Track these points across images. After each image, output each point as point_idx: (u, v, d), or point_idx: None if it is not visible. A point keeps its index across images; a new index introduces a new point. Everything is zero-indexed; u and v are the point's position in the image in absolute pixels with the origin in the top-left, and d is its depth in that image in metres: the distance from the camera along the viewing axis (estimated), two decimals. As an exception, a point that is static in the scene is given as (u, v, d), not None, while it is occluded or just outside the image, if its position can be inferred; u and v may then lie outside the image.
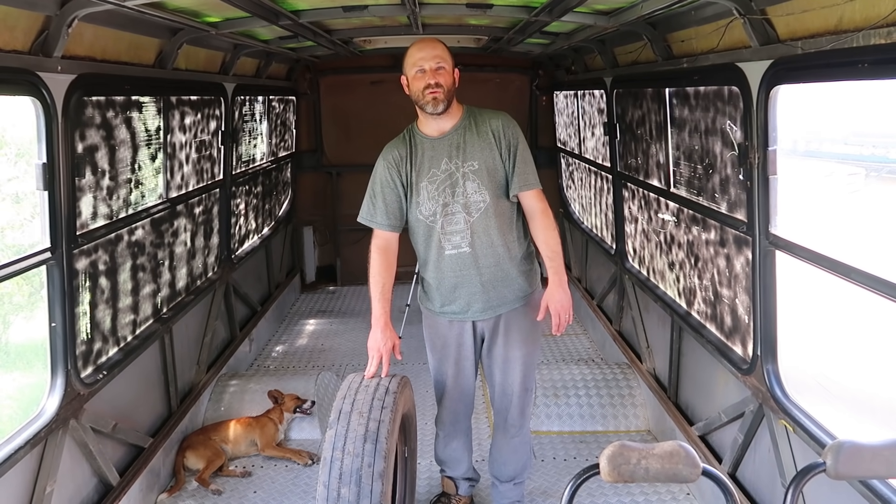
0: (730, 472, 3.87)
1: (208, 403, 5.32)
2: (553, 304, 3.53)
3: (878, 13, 2.41)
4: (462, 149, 3.51)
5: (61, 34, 3.13)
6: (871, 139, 20.05)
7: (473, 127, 3.53)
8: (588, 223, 7.50)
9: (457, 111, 3.57)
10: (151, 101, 4.47)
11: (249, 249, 6.89)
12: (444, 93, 3.43)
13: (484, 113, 3.59)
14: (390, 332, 3.49)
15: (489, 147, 3.51)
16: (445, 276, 3.61)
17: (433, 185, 3.53)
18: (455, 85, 3.50)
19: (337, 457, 2.96)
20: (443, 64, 3.43)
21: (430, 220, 3.56)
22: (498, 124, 3.54)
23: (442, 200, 3.52)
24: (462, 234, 3.53)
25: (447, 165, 3.52)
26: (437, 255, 3.59)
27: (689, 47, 4.13)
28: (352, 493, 2.88)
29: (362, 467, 2.92)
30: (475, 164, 3.50)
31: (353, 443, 2.99)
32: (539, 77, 8.69)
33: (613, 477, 1.72)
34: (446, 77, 3.44)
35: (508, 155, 3.52)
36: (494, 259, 3.56)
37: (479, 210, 3.51)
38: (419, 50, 3.46)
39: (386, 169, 3.57)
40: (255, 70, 6.61)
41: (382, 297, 3.53)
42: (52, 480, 3.33)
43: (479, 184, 3.50)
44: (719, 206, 3.90)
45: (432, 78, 3.41)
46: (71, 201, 3.42)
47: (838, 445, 1.71)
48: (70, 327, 3.44)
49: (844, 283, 2.83)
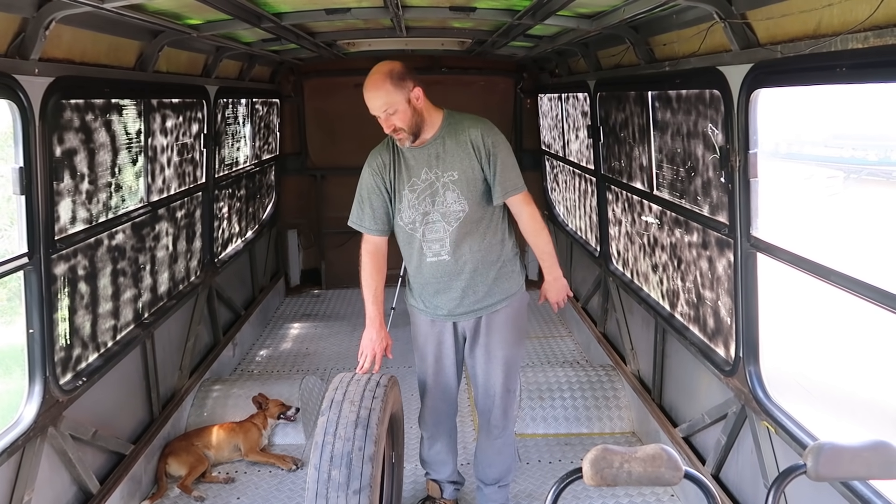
0: (713, 473, 3.89)
1: (191, 409, 5.26)
2: (552, 296, 3.81)
3: (855, 18, 2.44)
4: (441, 158, 3.51)
5: (38, 36, 3.08)
6: (850, 142, 20.33)
7: (453, 136, 3.52)
8: (572, 225, 7.53)
9: (436, 120, 3.53)
10: (132, 103, 4.42)
11: (233, 253, 6.84)
12: (407, 131, 3.43)
13: (464, 121, 3.56)
14: (385, 332, 3.66)
15: (468, 157, 3.51)
16: (427, 282, 3.67)
17: (413, 193, 3.56)
18: (417, 112, 3.43)
19: (328, 441, 3.02)
20: (391, 108, 3.36)
21: (410, 228, 3.61)
22: (477, 133, 3.51)
23: (422, 209, 3.56)
24: (441, 243, 3.57)
25: (427, 175, 3.53)
26: (419, 260, 3.65)
27: (671, 51, 4.16)
28: (342, 475, 2.95)
29: (353, 451, 2.99)
30: (454, 174, 3.51)
31: (345, 428, 3.06)
32: (523, 80, 8.72)
33: (596, 481, 1.72)
34: (401, 116, 3.39)
35: (489, 163, 3.52)
36: (474, 265, 3.60)
37: (458, 220, 3.54)
38: (367, 98, 3.39)
39: (371, 176, 3.62)
40: (237, 72, 6.57)
41: (376, 300, 3.67)
42: (30, 489, 3.28)
43: (458, 193, 3.52)
44: (701, 209, 3.93)
45: (388, 124, 3.41)
46: (49, 205, 3.37)
47: (819, 447, 1.72)
48: (48, 333, 3.39)
49: (823, 285, 2.86)
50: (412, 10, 4.50)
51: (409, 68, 3.47)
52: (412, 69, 3.48)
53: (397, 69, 3.39)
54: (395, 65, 3.42)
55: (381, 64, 3.44)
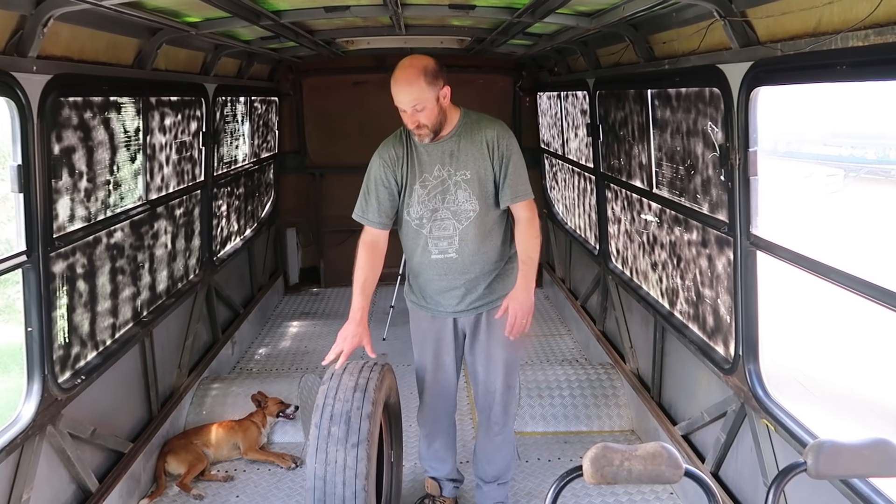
0: (712, 471, 3.89)
1: (190, 407, 5.26)
2: (512, 304, 3.50)
3: (855, 16, 2.43)
4: (455, 156, 3.50)
5: (36, 34, 3.07)
6: (849, 140, 20.33)
7: (468, 135, 3.50)
8: (572, 224, 7.52)
9: (453, 117, 3.52)
10: (130, 101, 4.41)
11: (232, 251, 6.83)
12: (430, 128, 3.41)
13: (481, 120, 3.55)
14: (362, 328, 3.47)
15: (482, 157, 3.49)
16: (430, 278, 3.66)
17: (424, 190, 3.54)
18: (442, 111, 3.41)
19: (328, 403, 3.25)
20: (420, 105, 3.32)
21: (417, 224, 3.59)
22: (493, 134, 3.50)
23: (431, 206, 3.54)
24: (450, 241, 3.56)
25: (440, 172, 3.52)
26: (423, 257, 3.63)
27: (670, 49, 4.15)
28: (341, 431, 3.17)
29: (352, 409, 3.21)
30: (467, 173, 3.50)
31: (344, 392, 3.28)
32: (522, 78, 8.71)
33: (596, 479, 1.71)
34: (428, 114, 3.36)
35: (500, 166, 3.50)
36: (480, 265, 3.61)
37: (469, 219, 3.54)
38: (396, 91, 3.34)
39: (381, 168, 3.57)
40: (236, 70, 6.56)
41: (363, 292, 3.54)
42: (28, 488, 3.27)
43: (469, 192, 3.51)
44: (701, 207, 3.92)
45: (413, 120, 3.38)
46: (47, 203, 3.36)
47: (819, 445, 1.72)
48: (47, 332, 3.38)
49: (822, 283, 2.86)
50: (411, 8, 4.49)
51: (442, 65, 3.42)
52: (444, 66, 3.43)
53: (432, 66, 3.34)
54: (430, 61, 3.37)
55: (415, 58, 3.38)
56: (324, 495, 3.12)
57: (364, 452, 3.14)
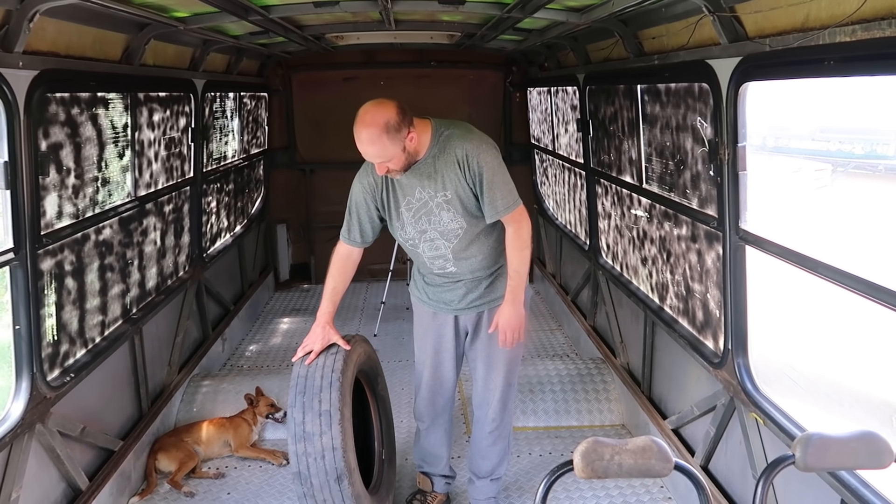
0: (702, 464, 3.92)
1: (180, 404, 5.24)
2: (501, 321, 3.60)
3: (843, 11, 2.45)
4: (433, 178, 3.47)
5: (22, 29, 3.04)
6: (837, 135, 20.50)
7: (442, 154, 3.44)
8: (562, 219, 7.54)
9: (425, 140, 3.42)
10: (118, 97, 4.38)
11: (222, 248, 6.80)
12: (400, 170, 3.38)
13: (452, 137, 3.43)
14: (327, 332, 3.62)
15: (457, 176, 3.45)
16: (433, 282, 3.76)
17: (409, 212, 3.57)
18: (410, 154, 3.33)
19: (301, 378, 3.50)
20: (386, 158, 3.27)
21: (412, 244, 3.66)
22: (462, 154, 3.40)
23: (419, 227, 3.57)
24: (444, 258, 3.62)
25: (420, 194, 3.52)
26: (424, 269, 3.75)
27: (660, 44, 4.16)
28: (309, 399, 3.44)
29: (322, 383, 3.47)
30: (447, 193, 3.48)
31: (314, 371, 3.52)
32: (513, 73, 8.70)
33: (587, 473, 1.72)
34: (396, 162, 3.31)
35: (476, 183, 3.44)
36: (480, 271, 3.67)
37: (458, 236, 3.56)
38: (360, 146, 3.26)
39: (361, 193, 3.64)
40: (225, 66, 6.52)
41: (331, 298, 3.70)
42: (17, 486, 3.25)
43: (453, 212, 3.51)
44: (690, 202, 3.94)
45: (381, 168, 3.34)
46: (34, 200, 3.33)
47: (807, 438, 1.73)
48: (35, 330, 3.36)
49: (810, 277, 2.88)
50: (401, 3, 4.47)
51: (404, 109, 3.28)
52: (406, 109, 3.29)
53: (393, 119, 3.20)
54: (391, 113, 3.21)
55: (375, 111, 3.22)
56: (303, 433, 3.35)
57: (336, 420, 3.34)
